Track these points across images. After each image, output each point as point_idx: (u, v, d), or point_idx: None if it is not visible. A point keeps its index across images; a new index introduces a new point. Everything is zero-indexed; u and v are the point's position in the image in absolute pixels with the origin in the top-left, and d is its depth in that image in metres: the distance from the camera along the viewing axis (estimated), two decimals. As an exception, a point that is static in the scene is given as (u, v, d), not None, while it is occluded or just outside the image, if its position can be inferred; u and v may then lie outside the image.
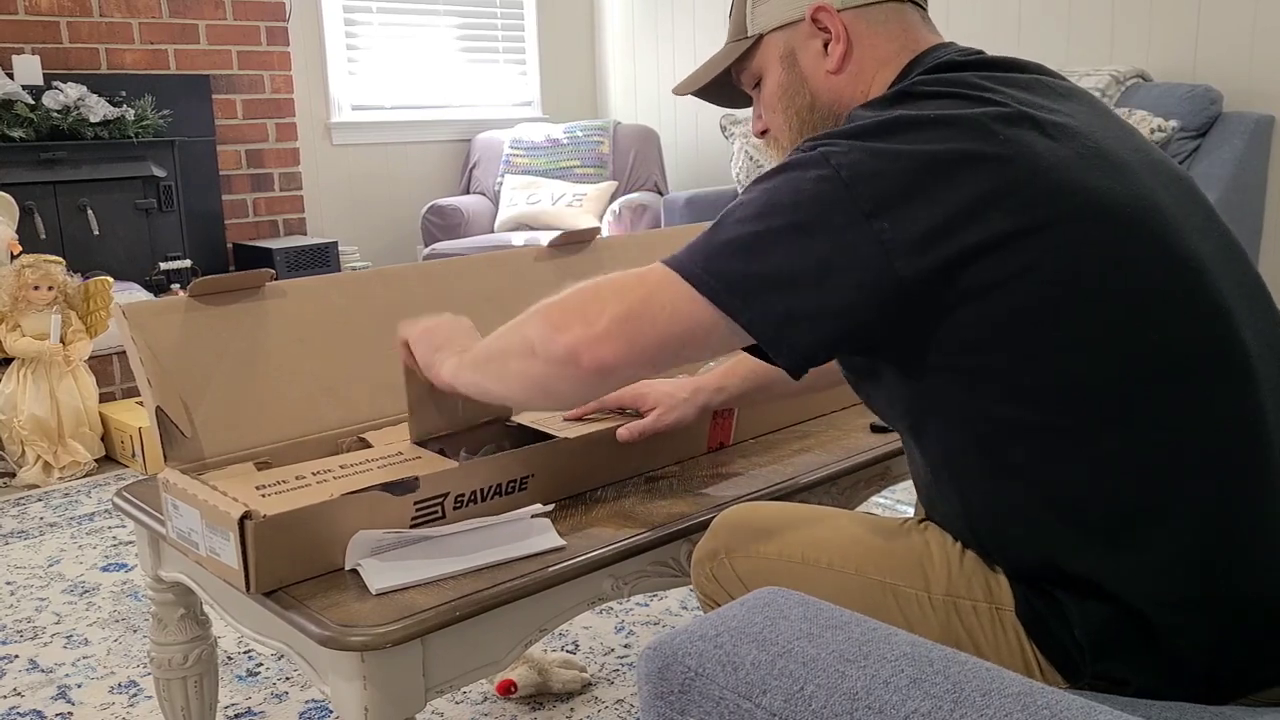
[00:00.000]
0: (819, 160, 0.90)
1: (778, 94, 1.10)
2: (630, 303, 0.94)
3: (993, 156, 0.87)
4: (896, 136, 0.89)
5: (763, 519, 1.10)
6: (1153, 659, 0.88)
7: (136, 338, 1.24)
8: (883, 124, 0.91)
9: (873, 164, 0.88)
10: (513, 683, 1.73)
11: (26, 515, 2.70)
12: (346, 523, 1.10)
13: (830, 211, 0.88)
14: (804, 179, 0.90)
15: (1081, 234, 0.86)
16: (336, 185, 4.67)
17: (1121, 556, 0.87)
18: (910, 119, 0.90)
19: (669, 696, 0.73)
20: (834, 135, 0.93)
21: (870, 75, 1.05)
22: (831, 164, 0.89)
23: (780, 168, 0.93)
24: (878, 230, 0.86)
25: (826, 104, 1.07)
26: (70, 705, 1.79)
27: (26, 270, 2.95)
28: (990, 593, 0.97)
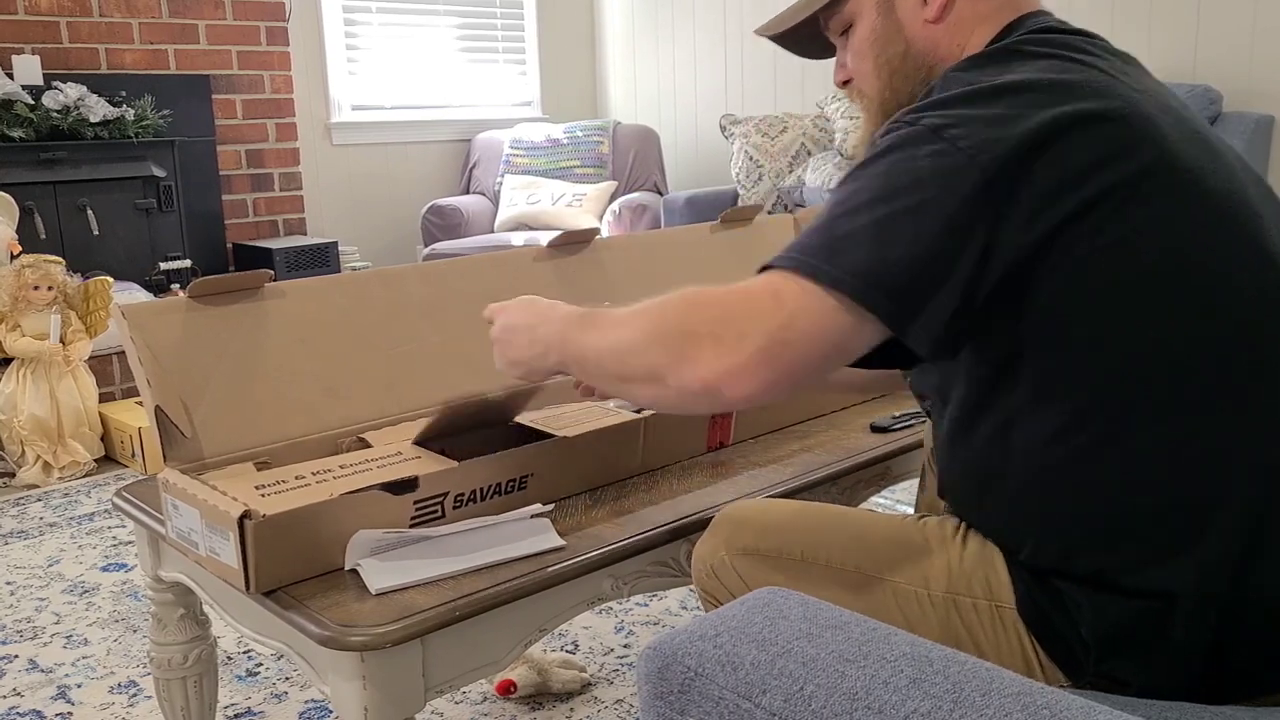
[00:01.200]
0: (928, 135, 0.87)
1: (869, 40, 1.06)
2: (772, 329, 0.86)
3: (1109, 117, 0.86)
4: (1007, 101, 0.87)
5: (763, 516, 1.10)
6: (1164, 658, 0.87)
7: (136, 338, 1.24)
8: (996, 89, 0.88)
9: (988, 132, 0.85)
10: (512, 683, 1.73)
11: (26, 515, 2.70)
12: (346, 522, 1.10)
13: (952, 184, 0.84)
14: (918, 156, 0.86)
15: (1182, 211, 0.85)
16: (336, 185, 4.67)
17: (1163, 549, 0.86)
18: (1022, 83, 0.88)
19: (669, 696, 0.73)
20: (937, 105, 0.89)
21: (969, 29, 1.01)
22: (945, 137, 0.86)
23: (885, 149, 0.89)
24: (998, 198, 0.84)
25: (920, 54, 1.03)
26: (70, 705, 1.79)
27: (26, 270, 2.95)
28: (990, 590, 0.97)
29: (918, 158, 0.86)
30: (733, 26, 4.76)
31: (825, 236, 0.87)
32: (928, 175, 0.85)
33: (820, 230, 0.88)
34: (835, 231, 0.87)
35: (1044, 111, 0.86)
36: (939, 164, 0.85)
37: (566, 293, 1.62)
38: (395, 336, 1.43)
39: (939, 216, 0.84)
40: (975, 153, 0.84)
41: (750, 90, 4.75)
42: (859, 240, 0.86)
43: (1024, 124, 0.85)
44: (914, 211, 0.85)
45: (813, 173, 3.66)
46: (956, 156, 0.85)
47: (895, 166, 0.87)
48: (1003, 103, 0.87)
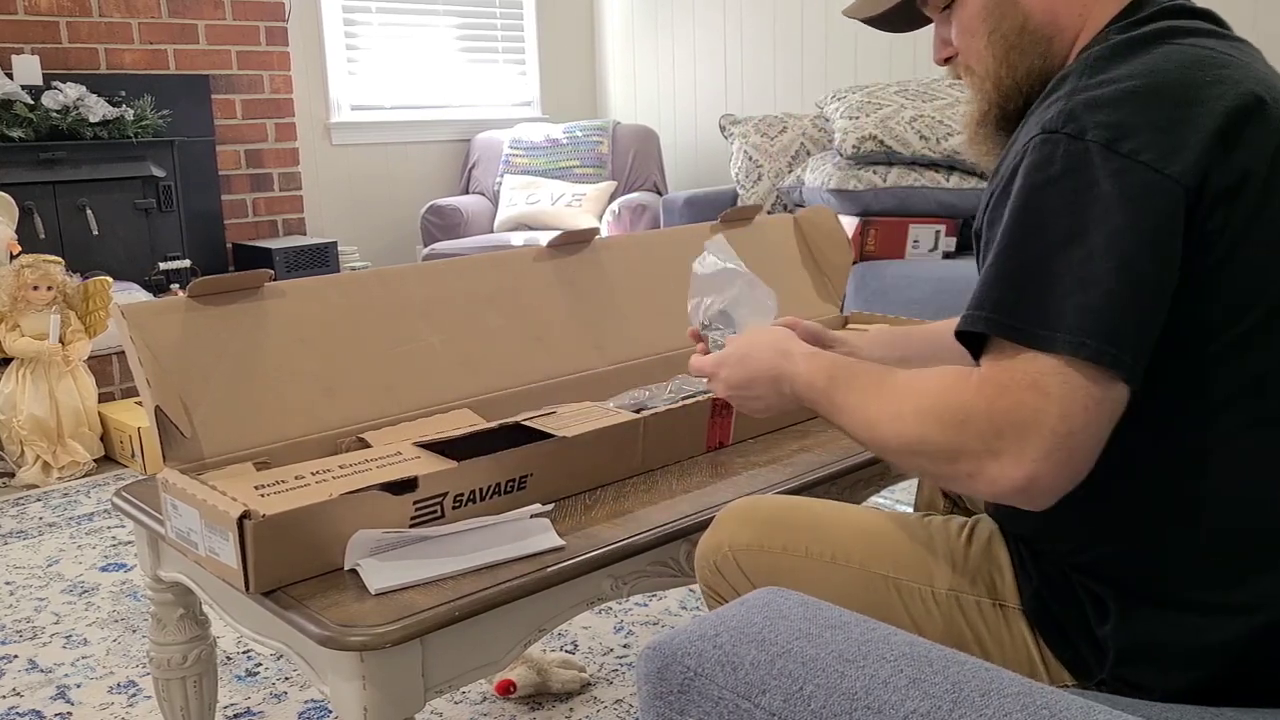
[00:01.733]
0: (1103, 153, 0.80)
1: (981, 15, 0.99)
2: (1053, 426, 0.79)
3: (1270, 103, 0.83)
4: (1171, 102, 0.82)
5: (767, 512, 1.10)
6: (1196, 668, 0.86)
7: (136, 338, 1.24)
8: (1155, 89, 0.82)
9: (1165, 141, 0.80)
10: (512, 683, 1.73)
11: (26, 515, 2.70)
12: (346, 522, 1.10)
13: (1145, 205, 0.79)
14: (1100, 179, 0.80)
15: None
16: (336, 185, 4.67)
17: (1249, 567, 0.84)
18: (1182, 82, 0.83)
19: (668, 696, 0.73)
20: (1093, 106, 0.83)
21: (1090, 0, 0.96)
22: (1123, 153, 0.80)
23: (1059, 174, 0.82)
24: (1190, 208, 0.80)
25: (1039, 26, 0.97)
26: (70, 705, 1.79)
27: (26, 270, 2.94)
28: (994, 588, 0.97)
29: (1100, 181, 0.80)
30: (733, 26, 4.76)
31: (1027, 290, 0.81)
32: (1117, 200, 0.79)
33: (1013, 279, 0.82)
34: (1036, 283, 0.81)
35: (1211, 108, 0.82)
36: (1127, 185, 0.80)
37: (567, 293, 1.62)
38: (395, 336, 1.43)
39: (1144, 243, 0.79)
40: (1160, 165, 0.80)
41: (750, 90, 4.75)
42: (1068, 290, 0.80)
43: (1198, 126, 0.81)
44: (1115, 244, 0.79)
45: (812, 173, 3.66)
46: (1142, 173, 0.80)
47: (1077, 194, 0.81)
48: (1166, 104, 0.82)
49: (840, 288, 2.00)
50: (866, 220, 3.43)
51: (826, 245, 1.99)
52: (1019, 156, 0.86)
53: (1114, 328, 0.78)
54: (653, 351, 1.66)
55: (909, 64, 4.12)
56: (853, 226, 3.42)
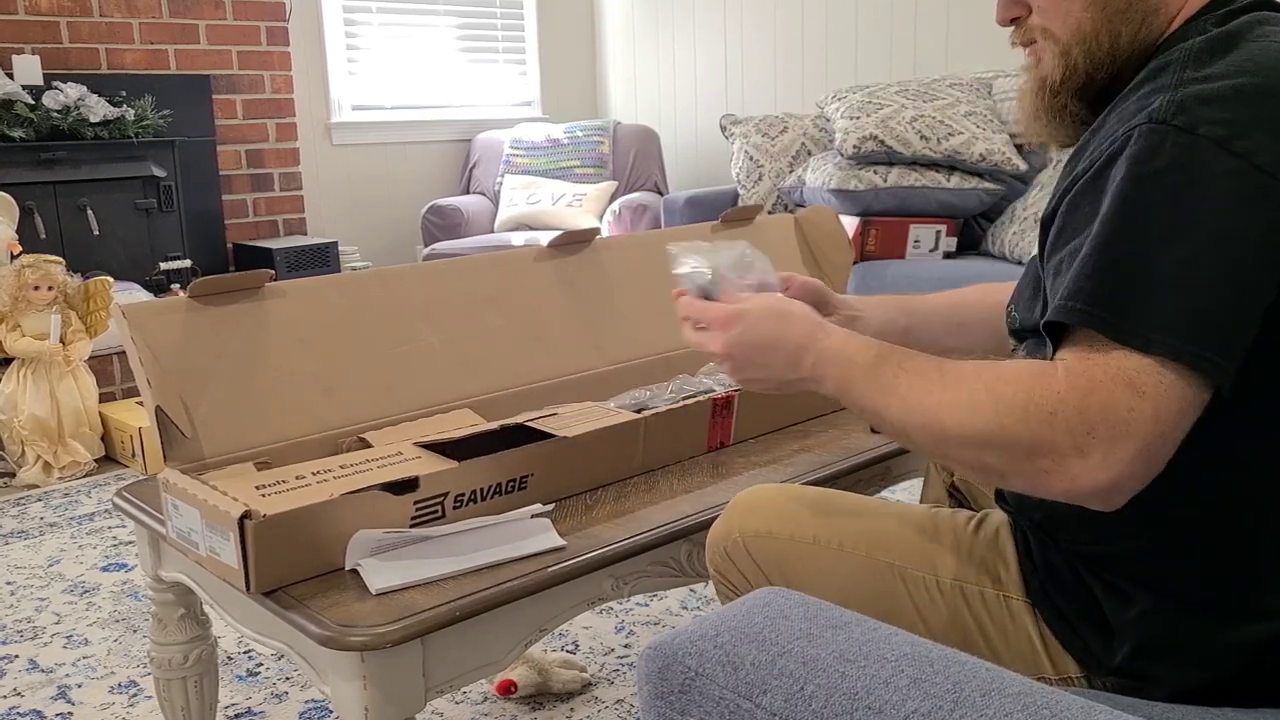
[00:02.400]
0: (1215, 150, 0.77)
1: None
2: (1146, 428, 0.76)
3: None
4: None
5: (778, 500, 1.10)
6: (1212, 667, 0.86)
7: (136, 338, 1.24)
8: (1265, 90, 0.79)
9: (1276, 139, 0.77)
10: (513, 682, 1.73)
11: (26, 515, 2.70)
12: (346, 522, 1.10)
13: (1259, 211, 0.76)
14: (1214, 177, 0.77)
15: None
16: (336, 185, 4.67)
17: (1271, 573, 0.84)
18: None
19: (669, 696, 0.73)
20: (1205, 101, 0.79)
21: None
22: (1238, 153, 0.76)
23: (1166, 167, 0.78)
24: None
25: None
26: (70, 705, 1.79)
27: (26, 270, 2.95)
28: (999, 579, 0.97)
29: (1212, 178, 0.77)
30: (733, 26, 4.76)
31: (1127, 283, 0.78)
32: (1229, 199, 0.76)
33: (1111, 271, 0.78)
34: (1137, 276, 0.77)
35: None
36: (1242, 187, 0.76)
37: (567, 293, 1.62)
38: (395, 336, 1.43)
39: (1251, 247, 0.76)
40: (1275, 169, 0.76)
41: (750, 90, 4.75)
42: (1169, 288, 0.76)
43: None
44: (1224, 245, 0.76)
45: (813, 173, 3.66)
46: (1259, 178, 0.76)
47: (1187, 189, 0.77)
48: (1275, 106, 0.78)
49: (841, 288, 2.00)
50: (867, 220, 3.43)
51: (827, 245, 1.99)
52: (1118, 143, 0.81)
53: (1214, 333, 0.76)
54: (653, 351, 1.66)
55: (909, 64, 4.12)
56: (853, 226, 3.42)
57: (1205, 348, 0.75)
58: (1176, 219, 0.77)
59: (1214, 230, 0.76)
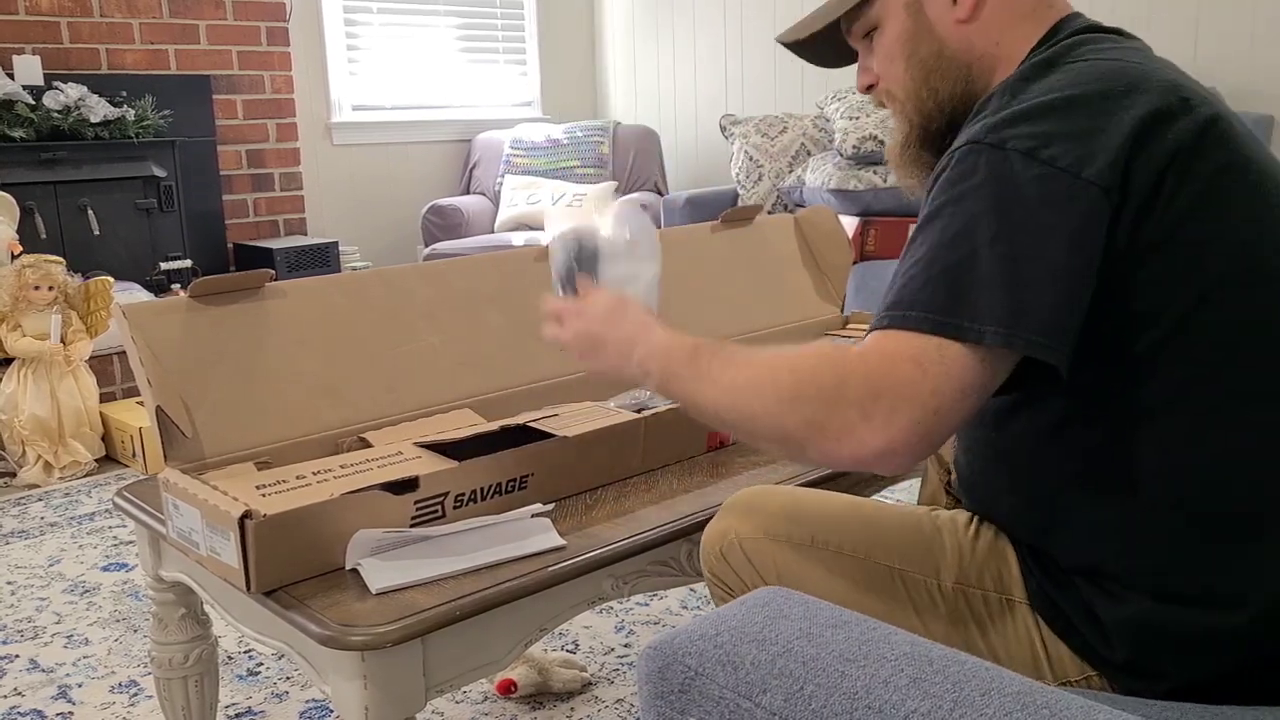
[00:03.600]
0: (1023, 160, 0.85)
1: (899, 42, 1.03)
2: (923, 402, 0.83)
3: (1189, 111, 0.86)
4: (1086, 111, 0.86)
5: (773, 501, 1.10)
6: (1206, 657, 0.87)
7: (137, 338, 1.24)
8: (1070, 100, 0.87)
9: (1082, 147, 0.84)
10: (513, 682, 1.73)
11: (27, 515, 2.70)
12: (346, 522, 1.10)
13: (1065, 207, 0.83)
14: (1020, 183, 0.84)
15: (1256, 205, 0.86)
16: (337, 185, 4.67)
17: (1230, 554, 0.86)
18: (1096, 93, 0.87)
19: (669, 696, 0.73)
20: (1013, 121, 0.87)
21: (1005, 27, 1.00)
22: (1042, 159, 0.84)
23: (979, 181, 0.86)
24: (1110, 210, 0.83)
25: (955, 53, 1.01)
26: (71, 705, 1.79)
27: (27, 270, 2.95)
28: (1001, 582, 0.97)
29: (1021, 185, 0.84)
30: (733, 26, 4.76)
31: (949, 286, 0.84)
32: (1038, 202, 0.83)
33: (941, 279, 0.85)
34: (959, 279, 0.84)
35: (1127, 114, 0.85)
36: (1047, 189, 0.84)
37: (567, 293, 1.62)
38: (395, 336, 1.44)
39: (1063, 242, 0.83)
40: (1078, 169, 0.83)
41: (750, 90, 4.75)
42: (989, 284, 0.83)
43: (1113, 132, 0.84)
44: (1037, 242, 0.83)
45: (813, 173, 3.66)
46: (1062, 178, 0.84)
47: (1001, 198, 0.85)
48: (1083, 114, 0.86)
49: (840, 288, 2.00)
50: (867, 220, 3.43)
51: (827, 245, 1.99)
52: (941, 165, 0.91)
53: (1026, 316, 0.82)
54: (653, 351, 1.66)
55: (910, 64, 4.11)
56: (853, 226, 3.42)
57: (1019, 330, 0.82)
58: (996, 226, 0.84)
59: (1030, 232, 0.83)
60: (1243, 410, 0.85)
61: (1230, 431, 0.85)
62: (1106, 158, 0.83)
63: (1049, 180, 0.84)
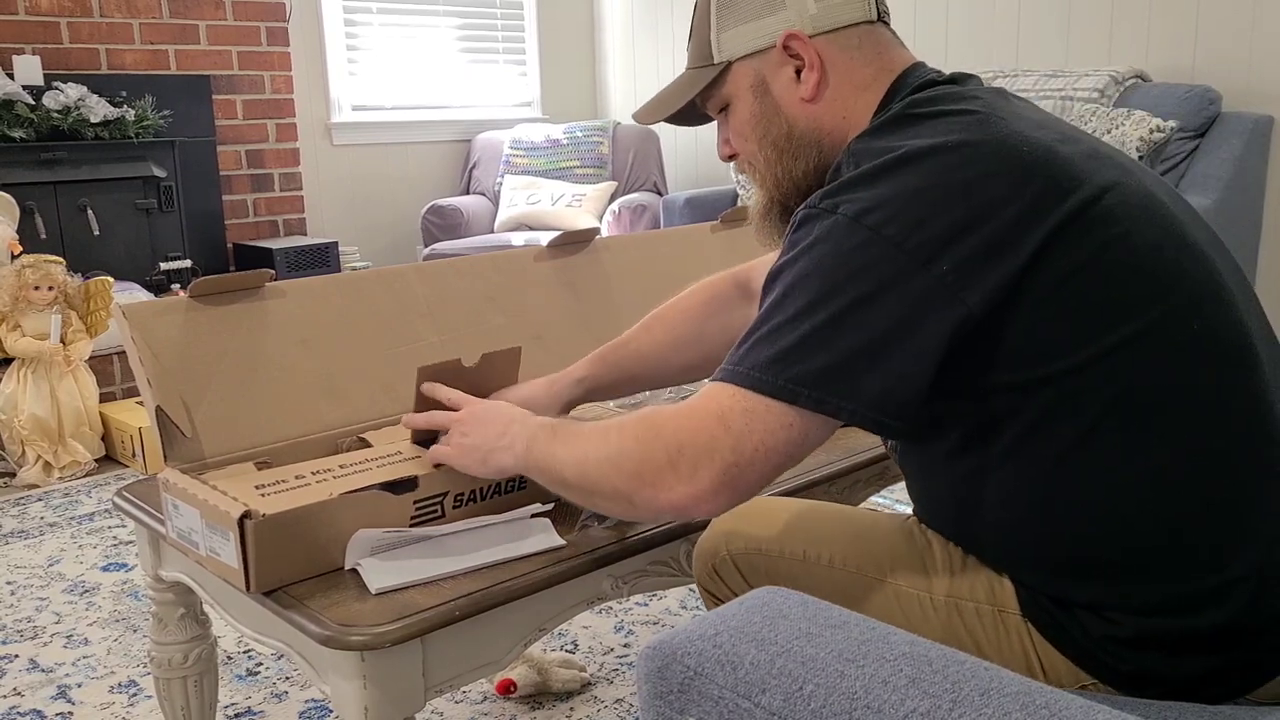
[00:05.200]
0: (849, 225, 0.86)
1: (750, 123, 1.06)
2: (724, 456, 0.88)
3: (1021, 169, 0.86)
4: (917, 171, 0.87)
5: (765, 514, 1.10)
6: (1199, 655, 0.87)
7: (137, 338, 1.24)
8: (901, 159, 0.88)
9: (909, 211, 0.85)
10: (512, 682, 1.73)
11: (27, 515, 2.70)
12: (346, 522, 1.10)
13: (889, 273, 0.84)
14: (845, 249, 0.86)
15: (1117, 228, 0.86)
16: (336, 185, 4.67)
17: (1191, 566, 0.86)
18: (927, 149, 0.88)
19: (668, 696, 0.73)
20: (848, 187, 0.89)
21: (848, 101, 1.02)
22: (868, 225, 0.86)
23: (810, 244, 0.88)
24: (939, 274, 0.84)
25: (804, 131, 1.03)
26: (70, 705, 1.79)
27: (27, 270, 2.95)
28: (993, 594, 0.97)
29: (845, 251, 0.86)
30: (733, 27, 4.76)
31: (771, 348, 0.87)
32: (860, 269, 0.85)
33: (765, 340, 0.88)
34: (780, 343, 0.87)
35: (957, 174, 0.86)
36: (869, 256, 0.85)
37: (567, 293, 1.62)
38: (395, 336, 1.44)
39: (882, 310, 0.84)
40: (902, 239, 0.84)
41: (750, 90, 4.75)
42: (807, 348, 0.86)
43: (943, 195, 0.85)
44: (856, 309, 0.85)
45: (813, 173, 3.66)
46: (884, 246, 0.85)
47: (825, 263, 0.87)
48: (913, 174, 0.87)
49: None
50: (867, 220, 3.42)
51: (827, 245, 1.99)
52: (787, 230, 0.94)
53: (835, 376, 0.84)
54: (653, 351, 1.66)
55: (909, 64, 4.11)
56: (853, 227, 3.42)
57: (818, 390, 0.85)
58: (819, 289, 0.86)
59: (851, 297, 0.85)
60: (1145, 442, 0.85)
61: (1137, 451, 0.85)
62: (933, 227, 0.84)
63: (869, 246, 0.85)
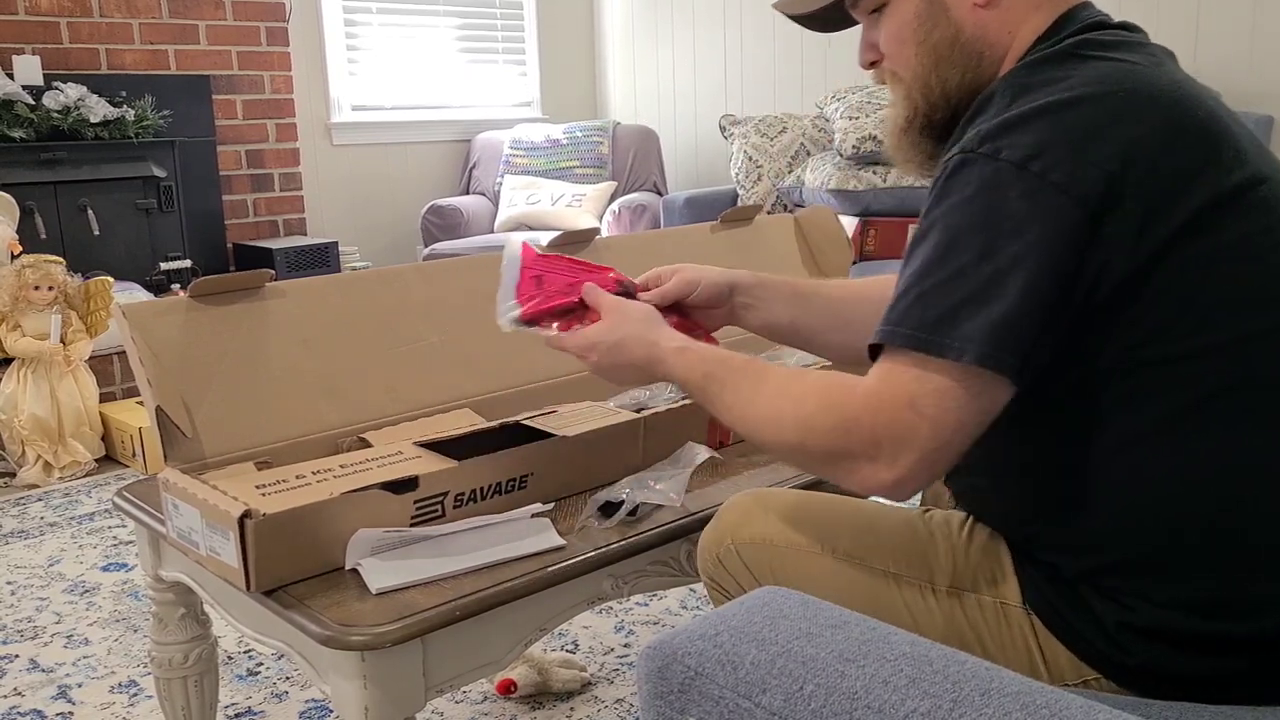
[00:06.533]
0: (1013, 172, 0.83)
1: (912, 24, 0.98)
2: (923, 444, 0.85)
3: (1193, 132, 0.84)
4: (1084, 117, 0.83)
5: (770, 505, 1.10)
6: (1216, 659, 0.86)
7: (137, 338, 1.24)
8: (1068, 103, 0.84)
9: (1076, 160, 0.82)
10: (513, 682, 1.73)
11: (27, 515, 2.70)
12: (346, 522, 1.10)
13: (1052, 225, 0.81)
14: (1010, 198, 0.82)
15: (1267, 219, 0.85)
16: (336, 185, 4.67)
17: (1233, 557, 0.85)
18: (1094, 95, 0.84)
19: (669, 696, 0.73)
20: (1008, 129, 0.85)
21: (1019, 16, 0.95)
22: (1033, 172, 0.82)
23: (971, 193, 0.84)
24: (1100, 229, 0.81)
25: (969, 40, 0.96)
26: (70, 705, 1.79)
27: (27, 270, 2.95)
28: (995, 587, 0.97)
29: (1010, 200, 0.82)
30: (732, 26, 4.76)
31: (942, 307, 0.84)
32: (1025, 218, 0.82)
33: (933, 298, 0.85)
34: (951, 300, 0.84)
35: (1126, 128, 0.83)
36: (1036, 206, 0.82)
37: (566, 293, 1.62)
38: (395, 336, 1.44)
39: (1048, 262, 0.81)
40: (1068, 186, 0.81)
41: (750, 90, 4.75)
42: (982, 305, 0.82)
43: (1111, 145, 0.82)
44: (1022, 261, 0.82)
45: (812, 173, 3.66)
46: (1051, 194, 0.81)
47: (989, 213, 0.83)
48: (1082, 119, 0.83)
49: (840, 288, 1.99)
50: (866, 220, 3.43)
51: (826, 245, 1.99)
52: (936, 175, 0.90)
53: (1008, 338, 0.82)
54: (653, 351, 1.66)
55: (909, 64, 4.11)
56: (853, 226, 3.42)
57: (1004, 353, 0.82)
58: (982, 241, 0.83)
59: (1018, 248, 0.82)
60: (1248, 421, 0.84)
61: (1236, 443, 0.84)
62: (1100, 175, 0.81)
63: (1038, 195, 0.82)
